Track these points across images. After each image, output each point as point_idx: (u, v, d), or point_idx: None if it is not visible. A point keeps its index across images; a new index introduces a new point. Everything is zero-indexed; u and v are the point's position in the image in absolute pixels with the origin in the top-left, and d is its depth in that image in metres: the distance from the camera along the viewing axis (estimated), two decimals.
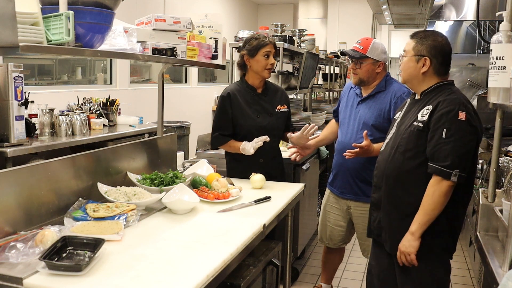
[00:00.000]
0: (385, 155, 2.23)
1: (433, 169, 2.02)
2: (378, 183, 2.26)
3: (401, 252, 2.10)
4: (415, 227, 2.06)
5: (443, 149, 1.99)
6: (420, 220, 2.04)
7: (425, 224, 2.04)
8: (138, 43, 2.17)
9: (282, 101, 2.93)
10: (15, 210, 1.76)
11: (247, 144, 2.70)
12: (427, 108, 2.09)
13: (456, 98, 2.06)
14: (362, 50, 2.76)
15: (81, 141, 3.58)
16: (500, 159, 2.90)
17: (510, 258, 1.79)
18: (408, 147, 2.12)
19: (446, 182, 1.99)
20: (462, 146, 1.99)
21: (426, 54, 2.12)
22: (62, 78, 5.36)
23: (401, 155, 2.13)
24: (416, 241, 2.06)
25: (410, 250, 2.06)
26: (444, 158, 1.99)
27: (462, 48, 6.45)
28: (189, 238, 1.82)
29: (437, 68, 2.14)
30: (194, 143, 3.84)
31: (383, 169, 2.22)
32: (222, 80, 9.09)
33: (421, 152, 2.08)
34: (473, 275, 3.73)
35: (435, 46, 2.12)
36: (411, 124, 2.13)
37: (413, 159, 2.10)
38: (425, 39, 2.14)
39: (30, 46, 1.51)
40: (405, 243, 2.08)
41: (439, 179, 2.00)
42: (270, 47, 2.76)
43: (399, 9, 7.69)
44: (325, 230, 3.07)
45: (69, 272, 1.44)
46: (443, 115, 2.02)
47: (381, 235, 2.27)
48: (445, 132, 1.99)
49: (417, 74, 2.16)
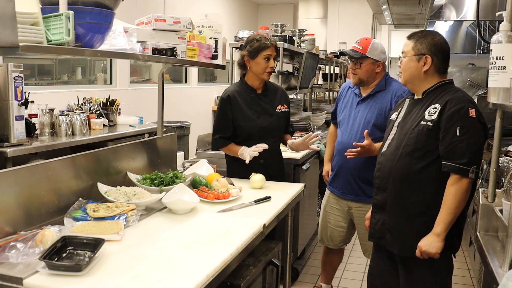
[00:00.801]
0: (389, 156, 2.21)
1: (451, 168, 2.01)
2: (382, 185, 2.23)
3: (422, 251, 2.07)
4: (440, 228, 2.04)
5: (458, 147, 2.00)
6: (444, 220, 2.03)
7: (449, 223, 2.03)
8: (138, 43, 2.17)
9: (282, 101, 2.92)
10: (15, 210, 1.76)
11: (246, 150, 2.70)
12: (434, 107, 2.09)
13: (463, 96, 2.08)
14: (362, 50, 2.76)
15: (81, 141, 3.58)
16: (500, 159, 2.90)
17: (510, 258, 1.78)
18: (416, 147, 2.10)
19: (465, 180, 2.00)
20: (475, 143, 2.01)
21: (427, 52, 2.13)
22: (62, 78, 5.36)
23: (409, 155, 2.12)
24: (441, 242, 2.04)
25: (435, 251, 2.04)
26: (460, 156, 1.99)
27: (462, 48, 6.45)
28: (189, 238, 1.82)
29: (438, 66, 2.15)
30: (194, 143, 3.84)
31: (388, 171, 2.19)
32: (222, 80, 9.09)
33: (430, 152, 2.08)
34: (473, 275, 3.73)
35: (434, 44, 2.13)
36: (418, 124, 2.12)
37: (422, 158, 2.09)
38: (424, 38, 2.15)
39: (30, 46, 1.51)
40: (428, 243, 2.05)
41: (458, 177, 2.00)
42: (271, 50, 2.75)
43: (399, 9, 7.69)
44: (326, 231, 3.07)
45: (69, 272, 1.44)
46: (455, 113, 2.02)
47: (384, 237, 2.24)
48: (459, 130, 2.00)
49: (418, 73, 2.16)
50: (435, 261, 2.11)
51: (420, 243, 2.08)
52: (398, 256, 2.23)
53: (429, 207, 2.09)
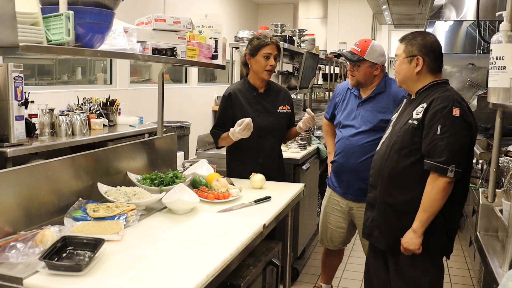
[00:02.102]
0: (380, 153, 2.26)
1: (429, 166, 2.04)
2: (374, 182, 2.28)
3: (403, 248, 2.13)
4: (416, 224, 2.08)
5: (438, 145, 2.01)
6: (420, 217, 2.07)
7: (425, 221, 2.06)
8: (138, 43, 2.17)
9: (285, 102, 2.92)
10: (15, 210, 1.76)
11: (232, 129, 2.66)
12: (422, 106, 2.12)
13: (450, 95, 2.08)
14: (360, 53, 2.75)
15: (81, 141, 3.58)
16: (500, 159, 2.90)
17: (510, 258, 1.79)
18: (403, 145, 2.14)
19: (443, 179, 2.01)
20: (456, 142, 2.01)
21: (418, 53, 2.15)
22: (62, 78, 5.36)
23: (396, 153, 2.15)
24: (418, 238, 2.08)
25: (413, 247, 2.09)
26: (439, 154, 2.01)
27: (462, 48, 6.44)
28: (189, 238, 1.82)
29: (430, 66, 2.16)
30: (194, 143, 3.83)
31: (379, 168, 2.24)
32: (222, 80, 9.09)
33: (416, 150, 2.10)
34: (473, 275, 3.73)
35: (425, 45, 2.15)
36: (406, 122, 2.15)
37: (408, 156, 2.12)
38: (414, 39, 2.17)
39: (30, 46, 1.51)
40: (407, 240, 2.10)
41: (436, 175, 2.02)
42: (271, 48, 2.75)
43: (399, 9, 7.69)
44: (326, 232, 3.06)
45: (69, 272, 1.44)
46: (438, 112, 2.04)
47: (373, 234, 2.28)
48: (439, 128, 2.02)
49: (411, 74, 2.18)
50: (426, 260, 2.13)
51: (402, 240, 2.13)
52: (389, 254, 2.26)
53: (416, 206, 2.10)
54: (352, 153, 2.81)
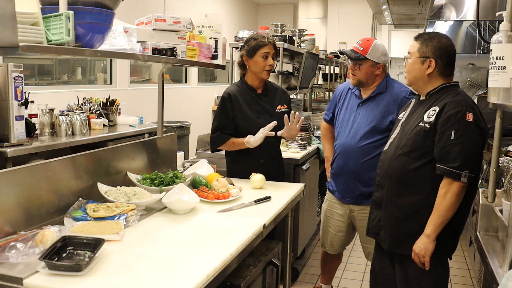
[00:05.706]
0: (389, 154, 2.24)
1: (443, 171, 2.03)
2: (381, 182, 2.26)
3: (415, 253, 2.11)
4: (430, 229, 2.06)
5: (452, 150, 2.00)
6: (434, 222, 2.05)
7: (439, 226, 2.05)
8: (138, 43, 2.17)
9: (282, 101, 2.91)
10: (15, 210, 1.76)
11: (251, 136, 2.68)
12: (434, 109, 2.10)
13: (463, 100, 2.07)
14: (362, 52, 2.73)
15: (81, 141, 3.58)
16: (500, 159, 2.90)
17: (510, 258, 1.78)
18: (413, 148, 2.12)
19: (457, 183, 2.00)
20: (470, 147, 2.01)
21: (431, 55, 2.13)
22: (62, 78, 5.36)
23: (406, 155, 2.14)
24: (431, 243, 2.06)
25: (425, 252, 2.07)
26: (453, 159, 2.00)
27: (462, 48, 6.44)
28: (189, 238, 1.82)
29: (442, 69, 2.15)
30: (194, 143, 3.84)
31: (386, 168, 2.22)
32: (222, 80, 9.09)
33: (427, 153, 2.09)
34: (473, 275, 3.73)
35: (440, 48, 2.13)
36: (417, 125, 2.14)
37: (418, 159, 2.11)
38: (430, 40, 2.15)
39: (30, 46, 1.51)
40: (420, 245, 2.09)
41: (450, 180, 2.02)
42: (268, 48, 2.74)
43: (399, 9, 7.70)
44: (327, 236, 3.04)
45: (69, 272, 1.44)
46: (451, 117, 2.03)
47: (379, 233, 2.28)
48: (453, 133, 2.01)
49: (422, 75, 2.17)
50: (431, 261, 2.12)
51: (414, 247, 2.11)
52: (396, 254, 2.25)
53: (423, 208, 2.11)
54: (352, 155, 2.78)
